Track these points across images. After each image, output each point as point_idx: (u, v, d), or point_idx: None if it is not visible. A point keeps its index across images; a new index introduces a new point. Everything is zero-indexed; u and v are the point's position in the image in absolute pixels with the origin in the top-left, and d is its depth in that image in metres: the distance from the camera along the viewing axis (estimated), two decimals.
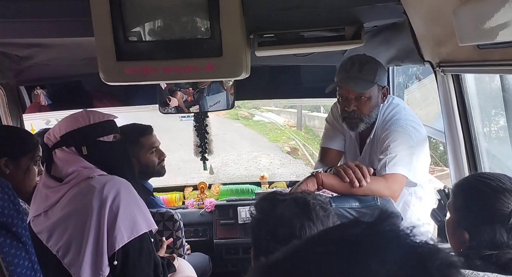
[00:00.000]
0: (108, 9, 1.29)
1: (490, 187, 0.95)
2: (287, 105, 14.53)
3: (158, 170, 1.87)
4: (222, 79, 2.12)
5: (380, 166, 1.57)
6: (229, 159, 10.60)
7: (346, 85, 1.68)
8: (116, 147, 1.34)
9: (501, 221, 0.90)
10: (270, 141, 12.60)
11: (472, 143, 1.42)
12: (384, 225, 0.40)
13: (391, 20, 1.67)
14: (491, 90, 1.49)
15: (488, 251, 0.92)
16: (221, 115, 17.44)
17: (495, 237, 0.91)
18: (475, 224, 0.94)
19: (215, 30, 1.42)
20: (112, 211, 1.19)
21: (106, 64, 1.34)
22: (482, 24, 0.97)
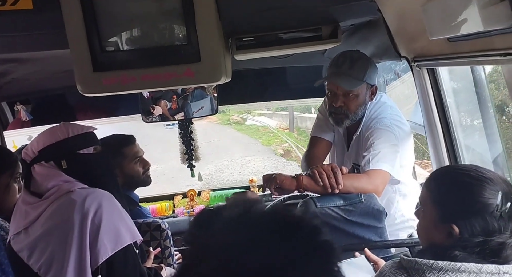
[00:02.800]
0: (82, 20, 1.28)
1: (473, 178, 0.95)
2: (279, 108, 14.57)
3: (144, 179, 1.86)
4: (202, 85, 2.12)
5: (364, 163, 1.59)
6: (222, 165, 10.58)
7: (335, 82, 1.69)
8: (97, 159, 1.33)
9: (490, 210, 0.91)
10: (263, 145, 12.61)
11: (451, 135, 1.43)
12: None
13: (367, 18, 1.69)
14: (465, 83, 1.52)
15: (481, 238, 0.92)
16: (213, 121, 17.44)
17: (488, 226, 0.91)
18: (464, 216, 0.94)
19: (191, 36, 1.42)
20: (94, 224, 1.17)
21: (83, 75, 1.33)
22: (449, 18, 0.98)
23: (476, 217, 0.93)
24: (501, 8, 0.83)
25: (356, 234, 1.47)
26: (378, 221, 1.48)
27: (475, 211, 0.93)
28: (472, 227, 0.93)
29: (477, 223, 0.92)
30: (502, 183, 0.94)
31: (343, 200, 1.48)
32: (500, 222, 0.91)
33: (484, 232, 0.92)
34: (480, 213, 0.92)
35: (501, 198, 0.91)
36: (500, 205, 0.91)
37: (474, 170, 0.98)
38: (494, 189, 0.93)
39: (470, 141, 1.51)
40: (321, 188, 1.47)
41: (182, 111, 2.29)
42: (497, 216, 0.91)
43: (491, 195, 0.92)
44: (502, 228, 0.91)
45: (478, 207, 0.93)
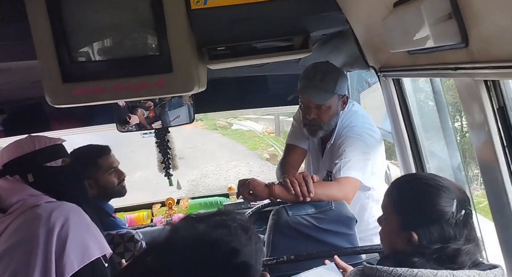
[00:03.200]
0: (49, 31, 1.28)
1: (431, 186, 0.98)
2: (265, 112, 14.63)
3: (118, 190, 1.84)
4: (176, 95, 2.13)
5: (335, 170, 1.61)
6: (208, 171, 10.53)
7: (307, 96, 1.73)
8: (65, 171, 1.31)
9: (447, 218, 0.94)
10: (249, 149, 12.61)
11: (416, 142, 1.48)
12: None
13: (337, 28, 1.73)
14: (426, 93, 1.57)
15: (438, 245, 0.95)
16: (199, 126, 17.37)
17: (444, 234, 0.94)
18: (423, 224, 0.96)
19: (163, 46, 1.43)
20: (60, 238, 1.16)
21: (51, 87, 1.33)
22: (405, 33, 1.02)
23: (434, 224, 0.96)
24: (449, 25, 0.86)
25: (327, 241, 1.49)
26: (349, 228, 1.51)
27: (432, 219, 0.96)
28: (430, 234, 0.96)
29: (435, 231, 0.95)
30: (457, 191, 0.98)
31: (315, 208, 1.50)
32: (455, 229, 0.94)
33: (441, 239, 0.95)
34: (437, 221, 0.96)
35: (456, 206, 0.95)
36: (455, 213, 0.95)
37: (432, 178, 1.01)
38: (450, 197, 0.96)
39: (433, 148, 1.55)
40: (293, 196, 1.49)
41: (159, 120, 2.29)
42: (452, 223, 0.95)
43: (447, 203, 0.96)
44: (457, 235, 0.94)
45: (435, 215, 0.96)
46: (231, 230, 0.82)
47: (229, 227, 0.82)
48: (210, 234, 0.48)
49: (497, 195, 0.97)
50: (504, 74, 0.76)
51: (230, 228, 0.82)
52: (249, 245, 0.83)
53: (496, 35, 0.75)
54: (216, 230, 0.79)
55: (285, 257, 1.44)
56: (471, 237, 0.94)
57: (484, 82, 0.89)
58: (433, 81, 1.40)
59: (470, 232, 0.94)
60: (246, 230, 0.84)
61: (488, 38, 0.79)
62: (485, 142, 0.93)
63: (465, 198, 0.97)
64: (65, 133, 2.95)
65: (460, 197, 0.96)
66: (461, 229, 0.94)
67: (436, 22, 0.88)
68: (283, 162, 1.92)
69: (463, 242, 0.94)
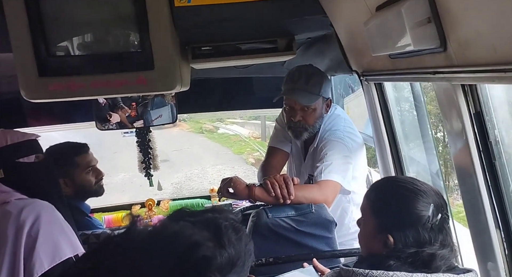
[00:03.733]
0: (26, 23, 1.24)
1: (409, 190, 0.98)
2: (252, 117, 14.64)
3: (96, 189, 1.80)
4: (157, 93, 2.10)
5: (316, 173, 1.61)
6: (193, 174, 10.46)
7: (292, 97, 1.73)
8: (38, 168, 1.27)
9: (423, 222, 0.94)
10: (235, 154, 12.59)
11: (397, 147, 1.49)
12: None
13: (322, 32, 1.74)
14: (406, 97, 1.59)
15: (413, 249, 0.95)
16: (185, 129, 17.27)
17: (419, 238, 0.94)
18: (399, 227, 0.97)
19: (145, 43, 1.40)
20: (30, 237, 1.12)
21: (27, 80, 1.29)
22: (386, 36, 1.02)
23: (410, 228, 0.96)
24: (428, 29, 0.87)
25: (306, 244, 1.49)
26: (328, 231, 1.50)
27: (408, 222, 0.96)
28: (406, 237, 0.96)
29: (410, 234, 0.95)
30: (434, 195, 0.98)
31: (295, 211, 1.49)
32: (431, 234, 0.95)
33: (416, 243, 0.95)
34: (413, 225, 0.96)
35: (432, 210, 0.95)
36: (431, 217, 0.95)
37: (410, 182, 1.01)
38: (426, 202, 0.96)
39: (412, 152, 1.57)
40: (273, 198, 1.48)
41: (141, 119, 2.25)
42: (428, 228, 0.95)
43: (424, 207, 0.96)
44: (432, 239, 0.94)
45: (411, 218, 0.96)
46: (222, 228, 0.81)
47: (220, 225, 0.81)
48: (168, 227, 0.46)
49: (472, 200, 0.98)
50: (479, 79, 0.77)
51: (221, 227, 0.81)
52: (238, 246, 0.81)
53: (473, 39, 0.76)
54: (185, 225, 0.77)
55: (264, 260, 1.43)
56: (446, 242, 0.94)
57: (461, 87, 0.90)
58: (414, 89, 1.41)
59: (445, 237, 0.95)
60: (237, 230, 0.82)
61: (465, 43, 0.79)
62: (462, 147, 0.94)
63: (442, 203, 0.97)
64: (47, 130, 2.88)
65: (437, 202, 0.96)
66: (436, 233, 0.95)
67: (415, 26, 0.88)
68: (265, 165, 1.91)
69: (438, 246, 0.94)
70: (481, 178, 0.92)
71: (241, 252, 0.79)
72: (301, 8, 1.48)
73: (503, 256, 0.95)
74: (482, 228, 0.96)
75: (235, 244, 0.79)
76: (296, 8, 1.47)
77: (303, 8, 1.48)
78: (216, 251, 0.76)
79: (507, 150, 0.91)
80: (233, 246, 0.78)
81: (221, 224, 0.80)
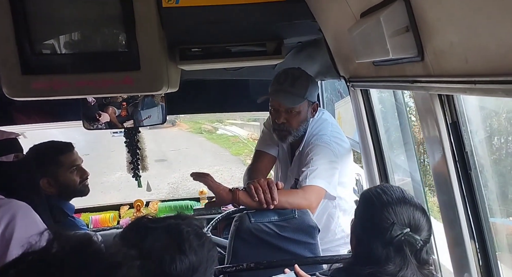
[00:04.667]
0: (10, 21, 1.24)
1: (379, 200, 0.97)
2: (251, 118, 14.63)
3: (80, 189, 1.78)
4: (142, 94, 2.09)
5: (301, 178, 1.60)
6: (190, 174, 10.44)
7: (277, 99, 1.72)
8: (17, 167, 1.26)
9: (382, 234, 0.92)
10: (233, 155, 12.58)
11: (382, 153, 1.48)
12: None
13: (311, 37, 1.73)
14: (391, 103, 1.58)
15: (370, 268, 0.93)
16: (184, 129, 17.26)
17: (376, 249, 0.93)
18: (363, 232, 0.98)
19: (131, 43, 1.40)
20: (4, 237, 1.10)
21: (9, 78, 1.29)
22: (368, 44, 1.02)
23: (369, 236, 0.96)
24: (406, 38, 0.86)
25: (289, 250, 1.47)
26: (311, 237, 1.49)
27: (370, 231, 0.96)
28: (364, 244, 0.96)
29: (369, 243, 0.95)
30: (408, 214, 0.93)
31: (278, 216, 1.48)
32: (387, 250, 0.92)
33: (372, 253, 0.93)
34: (373, 234, 0.95)
35: (393, 227, 0.92)
36: (389, 233, 0.92)
37: (389, 192, 0.99)
38: (389, 216, 0.93)
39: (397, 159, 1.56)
40: (256, 203, 1.47)
41: (131, 119, 2.24)
42: (386, 242, 0.92)
43: (385, 220, 0.93)
44: (387, 256, 0.92)
45: (373, 227, 0.95)
46: (183, 234, 0.80)
47: (181, 231, 0.80)
48: (89, 245, 0.45)
49: (449, 210, 0.97)
50: (453, 89, 0.76)
51: (183, 232, 0.80)
52: (200, 252, 0.80)
53: (447, 50, 0.75)
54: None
55: (245, 265, 1.41)
56: (404, 264, 0.90)
57: (438, 96, 0.89)
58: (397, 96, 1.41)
59: (404, 259, 0.91)
60: (199, 236, 0.82)
61: (440, 53, 0.79)
62: (439, 156, 0.93)
63: (417, 223, 0.92)
64: (47, 127, 2.85)
65: (407, 221, 0.92)
66: (393, 252, 0.92)
67: (394, 34, 0.88)
68: (251, 168, 1.90)
69: (393, 266, 0.91)
70: (456, 189, 0.91)
71: (203, 258, 0.79)
72: (290, 12, 1.48)
73: (477, 267, 0.94)
74: (457, 239, 0.96)
75: (197, 250, 0.78)
76: (285, 12, 1.47)
77: (292, 12, 1.48)
78: (176, 256, 0.76)
79: (481, 161, 0.91)
80: (195, 252, 0.78)
81: (182, 230, 0.79)
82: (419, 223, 0.92)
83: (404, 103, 1.39)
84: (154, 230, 0.81)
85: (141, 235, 0.81)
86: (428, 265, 0.92)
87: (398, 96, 1.41)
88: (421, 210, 0.93)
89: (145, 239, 0.80)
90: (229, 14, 1.45)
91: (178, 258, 0.77)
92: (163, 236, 0.80)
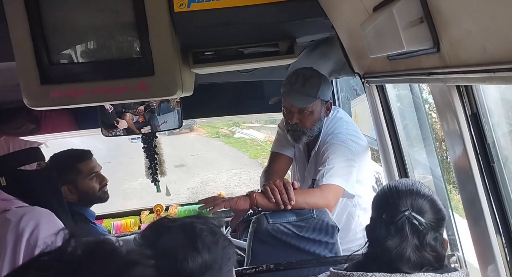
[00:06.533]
0: (28, 32, 1.27)
1: (385, 189, 1.00)
2: (268, 121, 14.65)
3: (100, 196, 1.80)
4: (157, 99, 2.11)
5: (318, 177, 1.59)
6: (208, 178, 10.51)
7: (288, 100, 1.71)
8: (40, 175, 1.29)
9: (385, 215, 0.94)
10: (251, 158, 12.59)
11: (400, 149, 1.45)
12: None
13: (324, 35, 1.72)
14: (408, 98, 1.55)
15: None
16: (202, 134, 17.41)
17: (379, 229, 0.94)
18: (372, 224, 1.00)
19: (145, 49, 1.42)
20: (29, 244, 1.13)
21: (29, 88, 1.32)
22: (381, 37, 1.00)
23: (387, 228, 0.94)
24: (421, 29, 0.84)
25: (308, 250, 1.45)
26: (330, 237, 1.47)
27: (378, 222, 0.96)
28: (384, 237, 0.94)
29: (387, 234, 0.93)
30: (413, 198, 0.94)
31: (296, 216, 1.46)
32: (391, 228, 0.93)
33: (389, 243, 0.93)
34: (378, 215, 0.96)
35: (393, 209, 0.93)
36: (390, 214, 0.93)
37: (401, 182, 1.00)
38: (395, 200, 0.94)
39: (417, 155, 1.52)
40: (274, 204, 1.46)
41: (148, 125, 2.27)
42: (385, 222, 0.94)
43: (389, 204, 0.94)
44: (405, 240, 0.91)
45: (380, 215, 0.96)
46: (196, 231, 0.81)
47: (195, 228, 0.81)
48: (103, 245, 0.45)
49: (472, 204, 0.94)
50: (471, 79, 0.74)
51: (196, 230, 0.81)
52: (214, 249, 0.81)
53: (464, 40, 0.73)
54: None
55: (264, 266, 1.41)
56: (431, 249, 0.90)
57: (456, 88, 0.87)
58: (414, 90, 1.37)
59: (404, 238, 0.91)
60: (213, 233, 0.82)
61: (457, 43, 0.76)
62: (459, 150, 0.90)
63: (422, 207, 0.93)
64: (68, 136, 2.92)
65: (413, 204, 0.93)
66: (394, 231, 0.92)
67: (408, 26, 0.86)
68: (267, 170, 1.89)
69: (398, 242, 0.91)
70: (479, 182, 0.88)
71: (217, 256, 0.79)
72: (301, 11, 1.47)
73: (504, 262, 0.90)
74: (482, 234, 0.92)
75: (210, 247, 0.78)
76: (296, 11, 1.46)
77: (303, 11, 1.47)
78: (188, 253, 0.77)
79: (504, 152, 0.87)
80: (208, 249, 0.78)
81: (195, 227, 0.80)
82: (421, 206, 0.92)
83: (422, 98, 1.36)
84: (170, 229, 0.82)
85: (158, 234, 0.82)
86: (435, 252, 0.91)
87: (415, 90, 1.38)
88: (426, 197, 0.94)
89: (160, 238, 0.81)
90: (240, 15, 1.45)
91: (190, 255, 0.77)
92: (177, 234, 0.82)
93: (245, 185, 9.47)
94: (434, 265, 0.90)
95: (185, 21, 1.43)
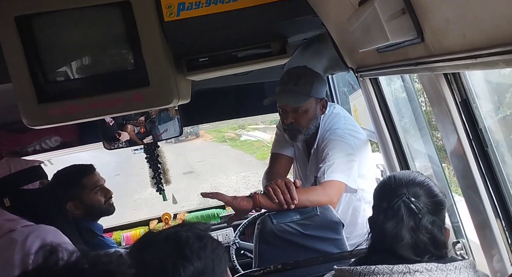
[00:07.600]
0: (22, 52, 1.30)
1: (382, 181, 1.04)
2: (273, 121, 14.62)
3: (106, 208, 1.81)
4: (154, 109, 2.13)
5: (319, 174, 1.59)
6: (218, 183, 10.54)
7: (281, 100, 1.72)
8: (43, 193, 1.30)
9: (382, 202, 0.98)
10: (258, 159, 12.60)
11: (399, 141, 1.45)
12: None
13: (315, 32, 1.72)
14: (401, 90, 1.54)
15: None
16: (208, 140, 17.45)
17: (377, 215, 0.99)
18: (372, 214, 1.04)
19: (138, 60, 1.43)
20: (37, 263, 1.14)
21: (27, 108, 1.33)
22: (367, 31, 1.01)
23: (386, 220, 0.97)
24: (403, 20, 0.85)
25: (315, 248, 1.45)
26: (336, 233, 1.47)
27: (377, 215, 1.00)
28: (383, 229, 0.96)
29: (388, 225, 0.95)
30: (408, 186, 0.95)
31: (300, 215, 1.47)
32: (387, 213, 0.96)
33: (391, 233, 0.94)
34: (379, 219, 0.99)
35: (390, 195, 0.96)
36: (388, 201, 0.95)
37: (399, 173, 1.01)
38: (391, 188, 0.97)
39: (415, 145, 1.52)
40: (277, 205, 1.46)
41: (150, 134, 2.29)
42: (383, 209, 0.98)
43: (388, 192, 0.98)
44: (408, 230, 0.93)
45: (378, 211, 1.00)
46: (182, 239, 0.81)
47: (180, 237, 0.81)
48: (83, 258, 0.46)
49: (470, 191, 0.94)
50: (456, 67, 0.74)
51: (181, 238, 0.81)
52: (203, 253, 0.81)
53: (444, 28, 0.73)
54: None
55: (272, 267, 1.41)
56: (426, 231, 0.91)
57: (444, 76, 0.87)
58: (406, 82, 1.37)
59: (400, 224, 0.93)
60: (200, 238, 0.82)
61: (438, 31, 0.77)
62: (452, 136, 0.90)
63: (418, 193, 0.94)
64: (76, 151, 2.94)
65: (410, 191, 0.94)
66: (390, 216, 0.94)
67: (390, 18, 0.86)
68: (269, 172, 1.89)
69: (394, 225, 0.93)
70: (474, 167, 0.88)
71: (207, 259, 0.79)
72: (290, 10, 1.48)
73: (506, 245, 0.90)
74: (482, 219, 0.92)
75: (199, 253, 0.78)
76: (285, 11, 1.47)
77: (292, 10, 1.48)
78: (177, 261, 0.77)
79: (495, 137, 0.87)
80: (197, 255, 0.78)
81: (181, 236, 0.80)
82: (417, 191, 0.94)
83: (414, 88, 1.36)
84: (154, 242, 0.82)
85: (144, 250, 0.82)
86: (431, 235, 0.92)
87: (406, 81, 1.38)
88: (422, 183, 0.95)
89: (147, 253, 0.81)
90: (230, 20, 1.46)
91: (180, 265, 0.77)
92: (163, 246, 0.81)
93: (255, 187, 9.45)
94: (432, 251, 0.90)
95: (176, 29, 1.44)
